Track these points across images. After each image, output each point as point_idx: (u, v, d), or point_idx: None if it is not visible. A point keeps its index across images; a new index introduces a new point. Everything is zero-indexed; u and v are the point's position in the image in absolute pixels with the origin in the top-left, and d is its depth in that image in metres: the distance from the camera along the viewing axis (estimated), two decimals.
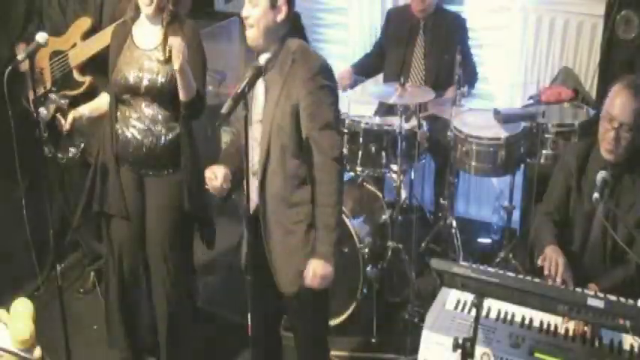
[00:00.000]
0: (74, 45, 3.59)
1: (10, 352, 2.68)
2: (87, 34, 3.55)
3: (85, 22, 3.56)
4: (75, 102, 3.50)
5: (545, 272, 2.66)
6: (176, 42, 2.82)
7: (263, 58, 2.65)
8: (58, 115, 3.15)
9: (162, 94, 3.01)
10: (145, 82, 3.00)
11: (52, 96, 3.57)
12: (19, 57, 2.78)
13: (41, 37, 2.81)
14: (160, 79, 3.00)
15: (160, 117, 3.06)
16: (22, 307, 2.81)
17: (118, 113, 3.09)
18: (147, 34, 3.06)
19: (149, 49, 3.03)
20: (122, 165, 3.13)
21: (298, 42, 2.66)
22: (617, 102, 2.69)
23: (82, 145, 3.60)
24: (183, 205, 3.13)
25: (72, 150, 3.62)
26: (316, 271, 2.60)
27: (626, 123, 2.67)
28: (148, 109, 3.05)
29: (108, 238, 3.26)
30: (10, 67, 2.79)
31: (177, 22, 3.01)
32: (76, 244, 4.21)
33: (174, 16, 3.00)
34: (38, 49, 2.83)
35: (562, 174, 2.93)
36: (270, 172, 2.67)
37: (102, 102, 3.31)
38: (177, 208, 3.14)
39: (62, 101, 3.33)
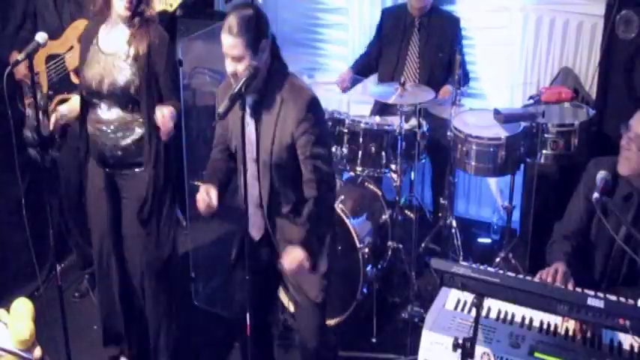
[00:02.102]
0: (71, 48, 3.57)
1: (10, 352, 2.67)
2: None
3: (81, 24, 3.49)
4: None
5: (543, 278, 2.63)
6: (164, 112, 2.89)
7: (250, 100, 2.64)
8: (42, 117, 3.17)
9: (124, 98, 3.03)
10: (106, 86, 3.02)
11: (37, 96, 3.56)
12: (19, 57, 2.77)
13: (41, 37, 2.80)
14: (120, 83, 3.01)
15: (122, 119, 3.07)
16: (22, 307, 2.80)
17: (87, 114, 3.14)
18: (112, 36, 3.06)
19: (112, 52, 3.04)
20: (96, 164, 3.19)
21: (282, 75, 2.67)
22: (638, 119, 2.69)
23: (59, 148, 3.62)
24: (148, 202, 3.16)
25: (52, 152, 3.63)
26: (297, 256, 2.62)
27: (638, 135, 2.64)
28: (111, 111, 3.07)
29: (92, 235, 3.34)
30: (9, 68, 2.78)
31: (145, 26, 3.02)
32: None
33: (144, 20, 3.02)
34: (38, 49, 2.82)
35: (584, 195, 2.83)
36: (275, 204, 2.76)
37: (76, 104, 3.32)
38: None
39: (42, 102, 3.36)
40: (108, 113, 3.08)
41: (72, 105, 3.37)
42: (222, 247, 4.33)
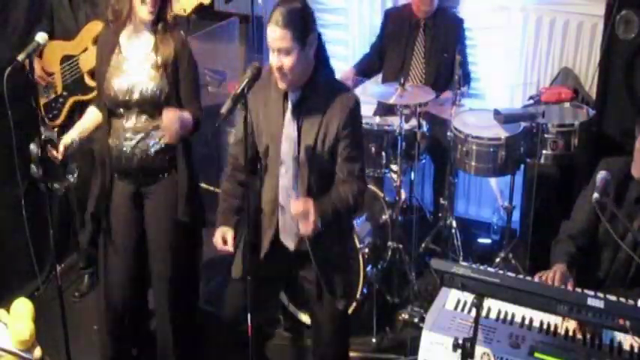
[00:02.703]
0: (85, 49, 3.56)
1: (10, 353, 2.68)
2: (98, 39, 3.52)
3: (96, 26, 3.48)
4: (86, 105, 3.41)
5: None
6: (169, 114, 2.82)
7: (292, 96, 2.60)
8: (49, 146, 3.07)
9: (153, 105, 2.96)
10: (136, 95, 2.95)
11: (41, 129, 3.52)
12: (19, 57, 2.76)
13: (40, 37, 2.80)
14: (150, 92, 2.94)
15: (150, 127, 3.00)
16: (22, 307, 2.80)
17: (110, 126, 3.04)
18: (136, 44, 2.99)
19: (140, 60, 2.97)
20: (119, 177, 3.10)
21: (325, 74, 2.64)
22: None
23: (77, 171, 3.56)
24: (179, 210, 3.10)
25: (69, 177, 3.59)
26: (309, 205, 2.53)
27: None
28: (139, 121, 2.99)
29: (106, 246, 3.23)
30: (10, 68, 2.77)
31: (168, 32, 2.96)
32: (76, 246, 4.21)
33: (168, 25, 2.96)
34: (38, 48, 2.82)
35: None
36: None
37: (86, 121, 3.19)
38: (174, 209, 3.12)
39: (49, 133, 3.28)
40: (133, 122, 2.99)
41: (82, 126, 3.21)
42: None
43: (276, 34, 2.46)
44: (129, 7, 2.91)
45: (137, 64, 2.97)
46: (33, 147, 2.95)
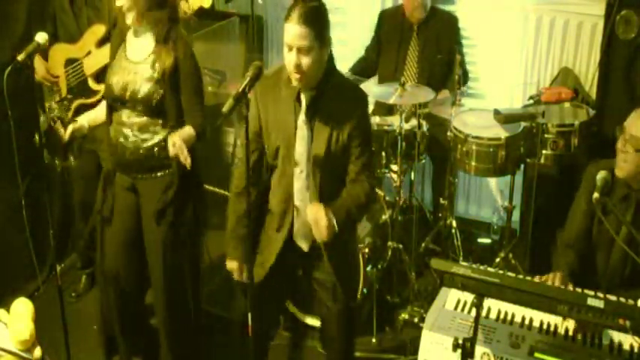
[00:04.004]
0: (89, 53, 3.56)
1: (10, 353, 2.67)
2: (101, 42, 3.51)
3: (99, 30, 3.51)
4: (90, 109, 3.40)
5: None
6: (175, 142, 2.78)
7: (305, 96, 2.59)
8: (58, 124, 3.09)
9: (145, 105, 2.97)
10: (128, 94, 2.97)
11: (53, 105, 3.55)
12: (19, 57, 2.77)
13: (40, 37, 2.80)
14: (141, 94, 2.95)
15: (145, 124, 3.00)
16: (22, 307, 2.79)
17: (112, 119, 3.07)
18: (138, 45, 3.00)
19: (137, 61, 2.98)
20: (118, 169, 3.12)
21: (337, 73, 2.64)
22: (633, 120, 2.69)
23: (78, 156, 3.59)
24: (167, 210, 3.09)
25: (71, 158, 3.61)
26: (323, 213, 2.52)
27: (633, 135, 2.64)
28: (133, 117, 3.01)
29: (101, 242, 3.24)
30: (10, 67, 2.78)
31: (170, 40, 2.94)
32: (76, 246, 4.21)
33: (168, 31, 2.94)
34: (38, 48, 2.82)
35: (585, 198, 2.83)
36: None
37: (100, 112, 3.24)
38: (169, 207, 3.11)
39: (61, 112, 3.30)
40: (128, 116, 3.01)
41: (93, 115, 3.26)
42: (221, 247, 4.33)
43: (297, 32, 2.43)
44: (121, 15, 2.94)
45: (134, 64, 2.98)
46: (42, 119, 3.00)
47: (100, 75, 3.51)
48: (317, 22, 2.46)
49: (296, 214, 2.70)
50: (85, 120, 3.18)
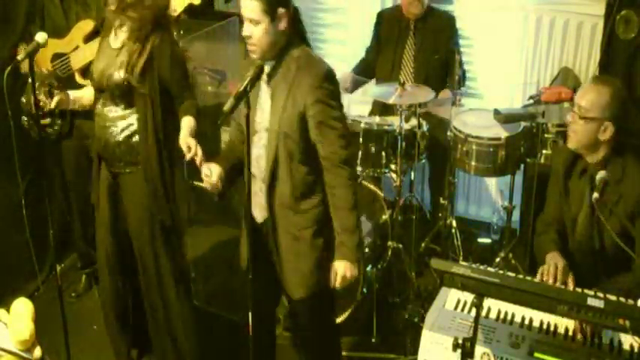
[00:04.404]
0: (76, 47, 3.57)
1: (10, 352, 2.67)
2: (89, 37, 3.51)
3: (87, 25, 3.53)
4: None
5: (544, 279, 2.67)
6: (189, 143, 2.85)
7: (267, 66, 2.64)
8: (43, 95, 3.28)
9: (120, 91, 3.02)
10: (105, 79, 3.03)
11: (44, 72, 3.57)
12: (19, 57, 2.77)
13: (40, 36, 2.80)
14: (116, 78, 3.00)
15: (119, 114, 3.06)
16: (22, 307, 2.78)
17: (96, 110, 3.14)
18: (120, 32, 3.07)
19: (116, 47, 3.06)
20: (103, 161, 3.18)
21: (300, 47, 2.66)
22: (581, 91, 2.79)
23: (60, 126, 3.65)
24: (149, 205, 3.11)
25: (54, 126, 3.65)
26: (340, 271, 2.67)
27: (581, 106, 2.72)
28: (113, 105, 3.07)
29: (96, 237, 3.30)
30: (10, 67, 2.78)
31: (147, 41, 2.99)
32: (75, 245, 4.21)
33: (146, 34, 2.99)
34: (38, 48, 2.82)
35: (554, 180, 2.96)
36: (278, 180, 2.69)
37: (86, 93, 3.34)
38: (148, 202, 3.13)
39: (50, 81, 3.40)
40: (108, 107, 3.08)
41: (79, 93, 3.36)
42: (221, 247, 4.34)
43: (245, 4, 2.56)
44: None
45: (114, 50, 3.05)
46: (24, 99, 3.27)
47: (87, 70, 3.50)
48: None
49: (253, 181, 2.69)
50: (71, 93, 3.30)
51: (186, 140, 2.87)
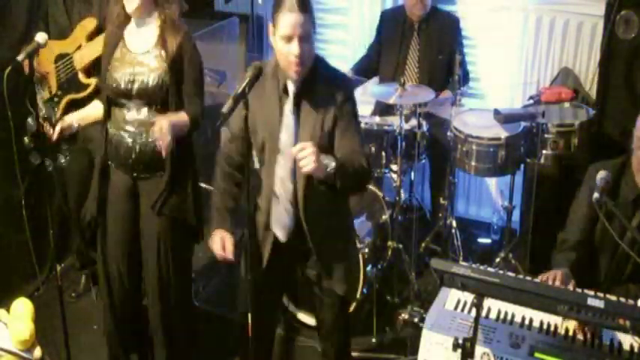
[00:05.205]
0: (79, 47, 3.56)
1: (10, 352, 2.67)
2: (92, 35, 3.48)
3: (90, 23, 3.49)
4: (81, 104, 3.46)
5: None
6: (163, 125, 2.78)
7: (293, 88, 2.56)
8: (46, 124, 3.12)
9: (153, 98, 2.97)
10: (137, 86, 2.96)
11: (41, 105, 3.55)
12: (19, 57, 2.77)
13: (40, 37, 2.79)
14: (152, 83, 2.95)
15: (145, 120, 2.99)
16: (22, 307, 2.80)
17: (111, 116, 3.06)
18: (141, 36, 3.01)
19: (141, 52, 2.99)
20: (116, 167, 3.11)
21: (320, 58, 2.60)
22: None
23: (68, 155, 3.61)
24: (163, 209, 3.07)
25: (60, 158, 3.62)
26: (307, 151, 2.39)
27: None
28: (139, 113, 3.00)
29: (101, 240, 3.22)
30: (10, 68, 2.77)
31: (175, 25, 2.95)
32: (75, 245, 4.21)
33: (169, 18, 2.95)
34: (38, 49, 2.81)
35: (586, 201, 2.78)
36: (312, 199, 2.63)
37: (91, 110, 3.27)
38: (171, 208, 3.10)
39: (49, 112, 3.33)
40: (135, 114, 3.00)
41: (83, 114, 3.29)
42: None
43: (297, 20, 2.39)
44: (121, 5, 2.94)
45: (140, 56, 2.98)
46: (30, 121, 3.04)
47: (90, 69, 3.51)
48: (310, 5, 2.45)
49: (274, 202, 2.67)
50: (74, 118, 3.21)
51: (162, 122, 2.79)
